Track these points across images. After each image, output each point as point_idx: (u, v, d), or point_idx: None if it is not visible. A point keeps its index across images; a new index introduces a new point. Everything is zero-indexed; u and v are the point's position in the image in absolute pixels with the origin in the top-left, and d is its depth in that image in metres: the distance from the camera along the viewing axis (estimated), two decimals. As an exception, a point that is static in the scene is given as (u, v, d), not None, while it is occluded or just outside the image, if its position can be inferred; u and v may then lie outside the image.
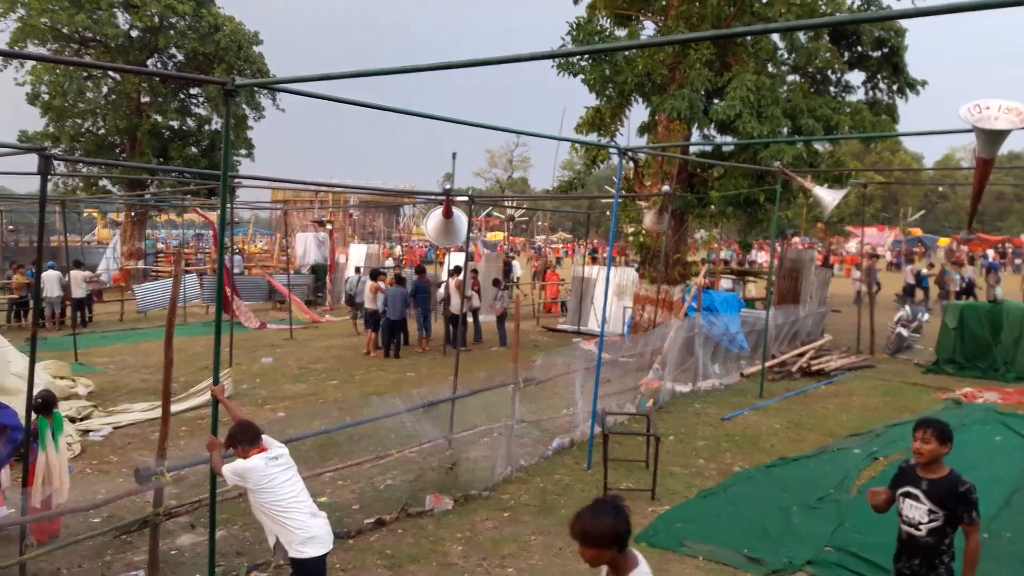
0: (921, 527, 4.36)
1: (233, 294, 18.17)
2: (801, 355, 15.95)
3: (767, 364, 14.46)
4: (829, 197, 13.09)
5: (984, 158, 4.45)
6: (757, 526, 7.35)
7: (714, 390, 13.76)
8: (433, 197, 14.91)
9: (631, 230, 18.33)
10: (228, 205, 10.68)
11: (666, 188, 15.41)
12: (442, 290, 18.49)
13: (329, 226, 31.18)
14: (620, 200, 19.41)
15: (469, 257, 27.75)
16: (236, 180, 14.73)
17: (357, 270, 21.55)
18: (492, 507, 7.78)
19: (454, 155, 12.60)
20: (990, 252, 49.61)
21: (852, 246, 50.29)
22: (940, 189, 67.11)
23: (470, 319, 18.36)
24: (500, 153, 79.29)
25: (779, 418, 11.73)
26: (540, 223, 69.08)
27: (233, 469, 4.79)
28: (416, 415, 8.52)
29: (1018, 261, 42.07)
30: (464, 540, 6.93)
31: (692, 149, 17.08)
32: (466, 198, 11.07)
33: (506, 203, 42.70)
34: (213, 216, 25.04)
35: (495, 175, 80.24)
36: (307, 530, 4.72)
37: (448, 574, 6.25)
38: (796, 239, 44.22)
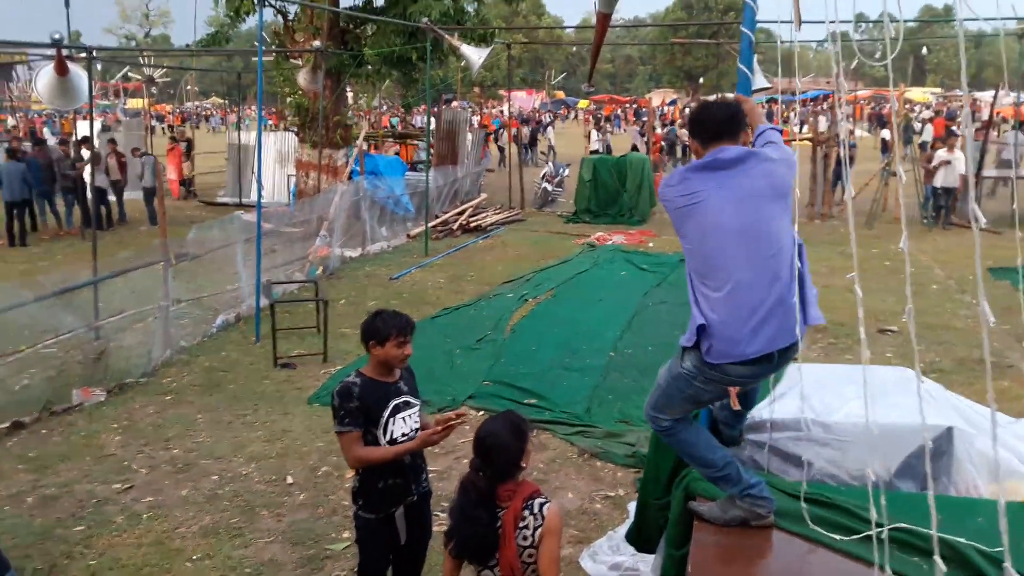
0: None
1: None
2: (461, 213, 16.80)
3: (431, 224, 15.06)
4: (475, 55, 13.56)
5: (603, 12, 4.81)
6: (423, 371, 7.73)
7: (383, 252, 14.05)
8: (41, 52, 12.73)
9: (288, 91, 17.46)
10: None
11: (317, 44, 14.79)
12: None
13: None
14: (272, 58, 18.33)
15: (105, 127, 24.49)
16: None
17: (-44, 144, 17.96)
18: (152, 392, 7.32)
19: (67, 0, 10.62)
20: (619, 111, 55.64)
21: (505, 110, 53.18)
22: (574, 49, 72.96)
23: (111, 197, 16.45)
24: (133, 6, 69.67)
25: (443, 273, 12.39)
26: (189, 87, 62.74)
27: None
28: (50, 305, 7.57)
29: (644, 119, 47.72)
30: (122, 429, 6.47)
31: (343, 3, 16.47)
32: (83, 52, 9.55)
33: (141, 61, 37.79)
34: None
35: (130, 31, 70.64)
36: None
37: (106, 466, 5.82)
38: (456, 104, 45.52)
